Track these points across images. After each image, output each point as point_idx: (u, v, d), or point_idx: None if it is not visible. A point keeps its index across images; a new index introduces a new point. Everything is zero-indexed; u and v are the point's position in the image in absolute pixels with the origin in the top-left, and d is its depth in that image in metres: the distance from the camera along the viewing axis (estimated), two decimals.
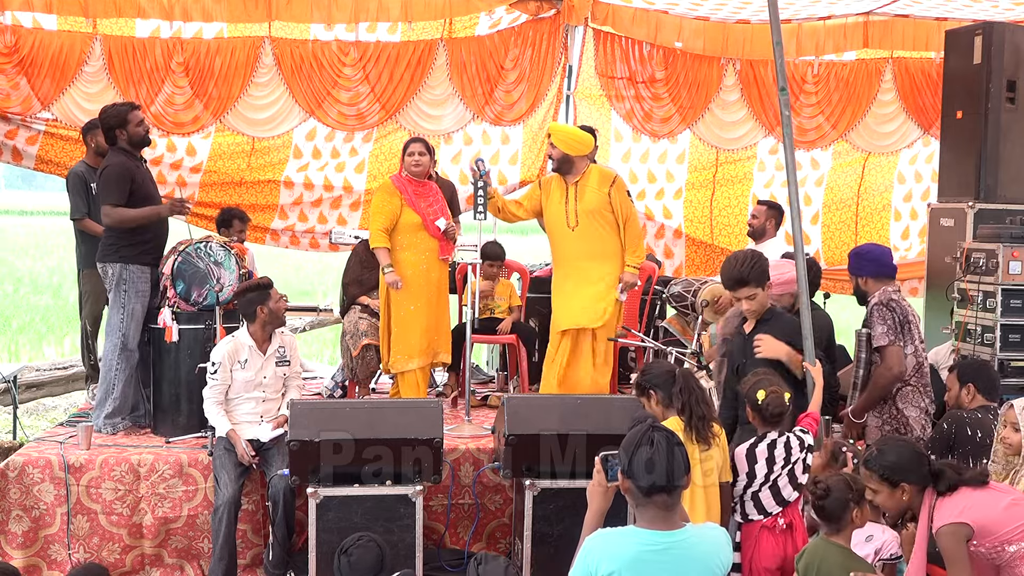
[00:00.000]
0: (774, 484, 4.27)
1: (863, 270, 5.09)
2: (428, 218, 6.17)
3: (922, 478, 3.69)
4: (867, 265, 5.08)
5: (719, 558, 2.93)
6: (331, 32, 7.98)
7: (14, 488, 5.28)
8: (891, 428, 4.95)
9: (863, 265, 5.09)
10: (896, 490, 3.69)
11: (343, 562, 4.02)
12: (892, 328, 4.86)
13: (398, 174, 6.32)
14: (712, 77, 8.67)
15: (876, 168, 9.17)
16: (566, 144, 6.06)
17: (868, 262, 5.09)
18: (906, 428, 4.93)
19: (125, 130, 5.90)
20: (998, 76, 6.79)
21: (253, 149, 8.07)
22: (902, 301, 4.96)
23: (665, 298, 7.26)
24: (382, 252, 6.13)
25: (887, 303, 4.91)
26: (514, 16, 8.26)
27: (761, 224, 7.13)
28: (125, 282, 5.88)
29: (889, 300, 4.91)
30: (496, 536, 5.62)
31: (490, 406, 6.76)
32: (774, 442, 4.32)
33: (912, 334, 4.94)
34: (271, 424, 5.41)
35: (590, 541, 2.94)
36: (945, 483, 3.65)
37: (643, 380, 4.42)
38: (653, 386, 4.35)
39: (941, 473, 3.68)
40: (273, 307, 5.45)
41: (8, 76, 7.41)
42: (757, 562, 4.22)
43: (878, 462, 3.74)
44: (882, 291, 4.99)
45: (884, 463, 3.72)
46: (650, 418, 3.13)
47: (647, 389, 4.37)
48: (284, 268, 19.50)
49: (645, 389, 4.39)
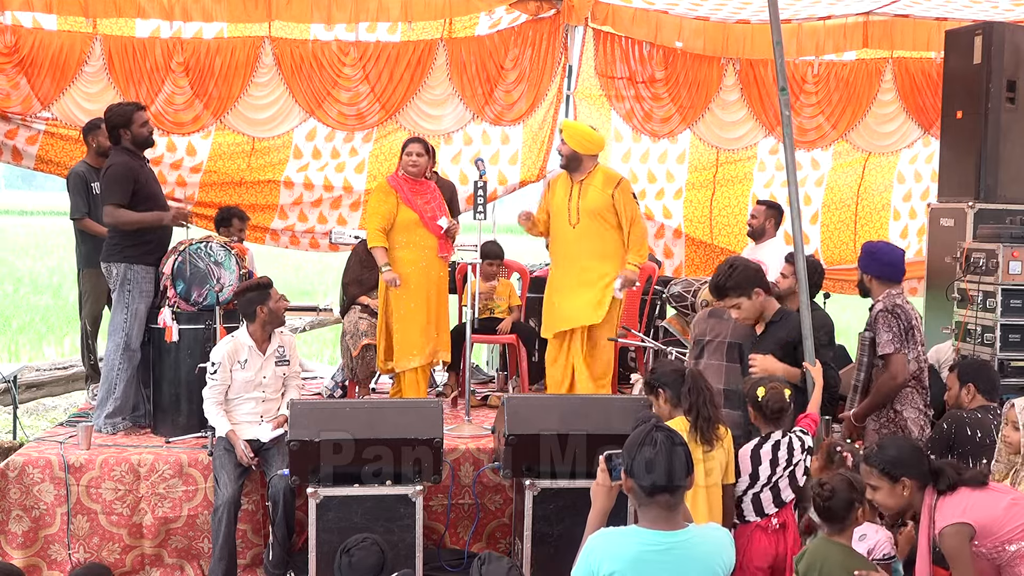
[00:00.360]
0: (775, 486, 4.28)
1: (870, 268, 5.07)
2: (425, 215, 6.17)
3: (923, 475, 3.69)
4: (874, 265, 5.05)
5: (721, 559, 2.93)
6: (331, 32, 7.98)
7: (14, 488, 5.28)
8: (889, 431, 4.95)
9: (871, 264, 5.07)
10: (897, 485, 3.70)
11: (344, 561, 4.03)
12: (897, 336, 4.84)
13: (395, 173, 6.33)
14: (712, 77, 8.67)
15: (876, 168, 9.18)
16: (576, 142, 6.06)
17: (876, 262, 5.05)
18: (904, 430, 4.93)
19: (129, 130, 5.91)
20: (998, 76, 6.79)
21: (253, 149, 8.08)
22: (906, 305, 4.93)
23: (665, 298, 7.26)
24: (379, 252, 6.14)
25: (892, 310, 4.87)
26: (514, 16, 8.26)
27: (760, 224, 7.13)
28: (129, 282, 5.88)
29: (894, 307, 4.88)
30: (496, 536, 5.62)
31: (490, 406, 6.76)
32: (778, 443, 4.33)
33: (915, 339, 4.93)
34: (271, 424, 5.41)
35: (592, 540, 2.93)
36: (945, 482, 3.65)
37: (652, 378, 4.43)
38: (662, 385, 4.36)
39: (941, 471, 3.68)
40: (273, 307, 5.45)
41: (8, 76, 7.41)
42: (749, 561, 4.23)
43: (879, 457, 3.75)
44: (886, 295, 4.95)
45: (885, 458, 3.73)
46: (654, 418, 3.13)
47: (656, 387, 4.39)
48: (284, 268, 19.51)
49: (654, 387, 4.40)
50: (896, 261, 5.05)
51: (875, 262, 5.06)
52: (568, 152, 6.07)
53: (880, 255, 5.10)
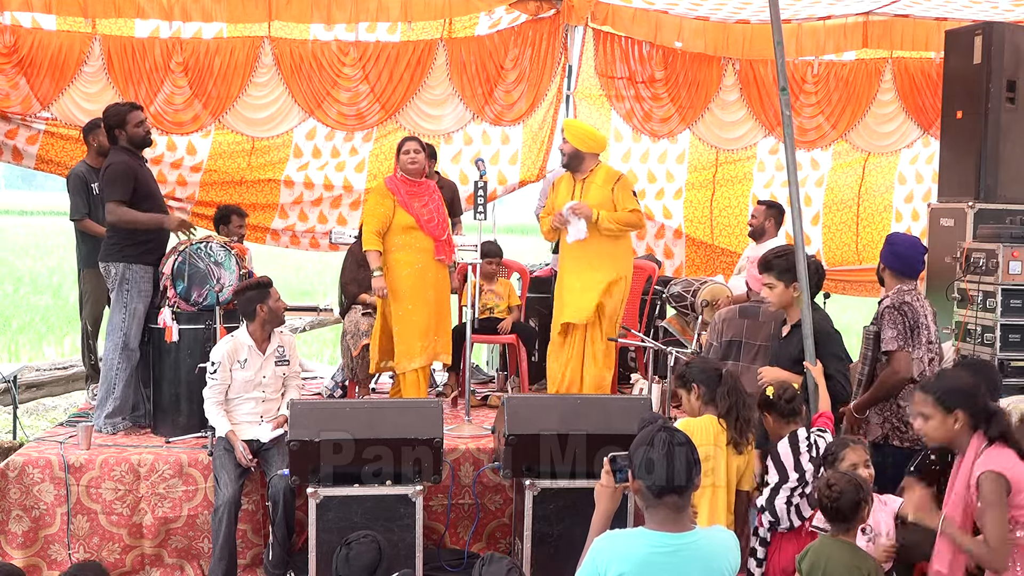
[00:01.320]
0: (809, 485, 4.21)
1: (886, 260, 5.07)
2: (422, 218, 6.14)
3: (976, 412, 3.66)
4: (890, 258, 5.04)
5: (727, 561, 2.92)
6: (331, 32, 7.99)
7: (14, 488, 5.28)
8: (891, 424, 4.95)
9: (887, 256, 5.07)
10: (949, 417, 3.67)
11: (342, 553, 4.03)
12: (902, 333, 4.85)
13: (392, 175, 6.30)
14: (712, 77, 8.67)
15: (876, 168, 9.18)
16: (579, 140, 6.07)
17: (892, 254, 5.05)
18: (907, 425, 4.93)
19: (124, 130, 5.91)
20: (998, 76, 6.79)
21: (253, 148, 8.08)
22: (915, 303, 4.91)
23: (665, 298, 7.26)
24: (373, 255, 6.11)
25: (899, 307, 4.87)
26: (514, 16, 8.27)
27: (760, 224, 7.13)
28: (128, 282, 5.88)
29: (902, 303, 4.88)
30: (496, 536, 5.62)
31: (490, 406, 6.76)
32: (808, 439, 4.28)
33: (920, 338, 4.92)
34: (271, 424, 5.41)
35: (599, 542, 2.93)
36: (997, 428, 3.61)
37: (688, 373, 4.38)
38: (698, 381, 4.32)
39: (995, 416, 3.65)
40: (272, 306, 5.44)
41: (8, 76, 7.42)
42: (776, 564, 4.23)
43: (937, 386, 3.74)
44: (896, 291, 4.96)
45: (943, 386, 3.73)
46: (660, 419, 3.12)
47: (690, 383, 4.34)
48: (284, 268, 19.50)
49: (688, 382, 4.35)
50: (911, 257, 5.03)
51: (891, 254, 5.06)
52: (570, 150, 6.07)
53: (896, 247, 5.09)
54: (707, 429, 4.21)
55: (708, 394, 4.28)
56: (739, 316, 5.07)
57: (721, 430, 4.24)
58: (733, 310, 5.51)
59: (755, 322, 4.99)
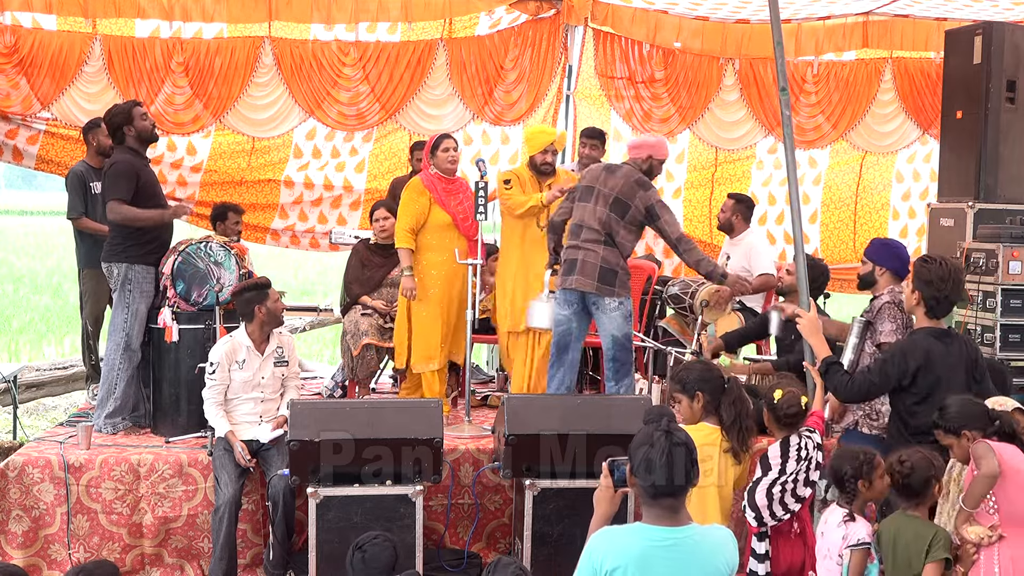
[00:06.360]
0: (795, 481, 4.25)
1: (886, 262, 5.11)
2: (458, 217, 6.11)
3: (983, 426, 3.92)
4: (891, 261, 5.12)
5: (725, 556, 2.93)
6: (331, 32, 7.99)
7: (14, 488, 5.28)
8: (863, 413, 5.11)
9: (888, 258, 5.12)
10: (961, 439, 3.93)
11: (357, 557, 4.01)
12: (899, 328, 4.93)
13: (426, 172, 6.22)
14: (711, 77, 8.67)
15: (874, 167, 9.18)
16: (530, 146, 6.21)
17: (893, 258, 5.13)
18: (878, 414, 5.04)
19: (132, 125, 5.90)
20: (998, 76, 6.79)
21: (253, 148, 8.08)
22: None
23: (664, 298, 7.26)
24: (405, 253, 6.08)
25: (899, 304, 4.97)
26: (514, 16, 8.27)
27: (728, 218, 7.11)
28: (130, 282, 5.88)
29: (900, 301, 4.97)
30: (496, 536, 5.62)
31: (490, 406, 6.76)
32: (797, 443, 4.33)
33: None
34: (270, 424, 5.41)
35: (594, 539, 2.93)
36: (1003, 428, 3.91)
37: (692, 380, 4.27)
38: (702, 389, 4.24)
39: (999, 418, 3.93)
40: (271, 307, 5.44)
41: (8, 76, 7.42)
42: (778, 566, 4.28)
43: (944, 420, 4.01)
44: (890, 290, 5.05)
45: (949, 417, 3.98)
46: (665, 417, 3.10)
47: (695, 390, 4.25)
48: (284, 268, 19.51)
49: (691, 389, 4.25)
50: (907, 259, 5.15)
51: (890, 257, 5.14)
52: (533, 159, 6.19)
53: (894, 250, 5.21)
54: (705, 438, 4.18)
55: (712, 403, 4.23)
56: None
57: (720, 440, 4.23)
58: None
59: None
